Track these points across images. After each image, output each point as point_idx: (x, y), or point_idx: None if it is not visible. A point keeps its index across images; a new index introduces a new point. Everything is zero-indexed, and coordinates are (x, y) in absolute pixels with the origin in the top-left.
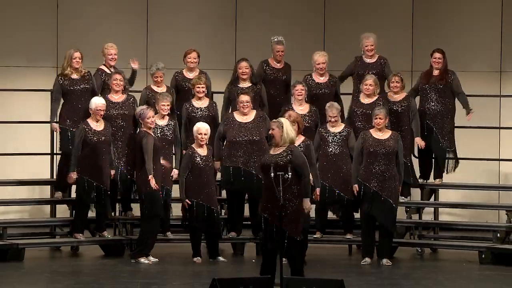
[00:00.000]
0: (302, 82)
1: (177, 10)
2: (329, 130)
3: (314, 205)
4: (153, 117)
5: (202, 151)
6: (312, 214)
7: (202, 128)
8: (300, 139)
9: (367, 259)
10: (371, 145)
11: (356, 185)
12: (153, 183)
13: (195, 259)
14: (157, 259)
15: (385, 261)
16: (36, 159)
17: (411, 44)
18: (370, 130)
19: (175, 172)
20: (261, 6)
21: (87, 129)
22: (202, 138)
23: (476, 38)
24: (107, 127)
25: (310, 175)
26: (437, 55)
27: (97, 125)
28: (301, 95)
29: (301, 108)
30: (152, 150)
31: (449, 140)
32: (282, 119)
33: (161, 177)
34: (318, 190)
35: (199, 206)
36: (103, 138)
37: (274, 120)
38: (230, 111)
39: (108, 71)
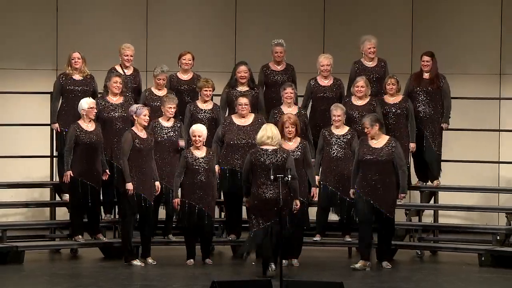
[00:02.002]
0: (292, 84)
1: (177, 12)
2: (333, 132)
3: (316, 207)
4: (148, 115)
5: (199, 153)
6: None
7: (197, 130)
8: (297, 141)
9: (363, 263)
10: (365, 153)
11: (353, 190)
12: (129, 187)
13: (187, 261)
14: (155, 262)
15: (385, 264)
16: (36, 161)
17: (411, 45)
18: (368, 137)
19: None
20: (260, 8)
21: (78, 130)
22: (197, 140)
23: (476, 40)
24: (98, 128)
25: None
26: (425, 58)
27: (88, 126)
28: (291, 98)
29: (289, 109)
30: (128, 148)
31: (438, 145)
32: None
33: (148, 179)
34: (314, 190)
35: (190, 207)
36: (95, 138)
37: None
38: (227, 114)
39: (121, 71)
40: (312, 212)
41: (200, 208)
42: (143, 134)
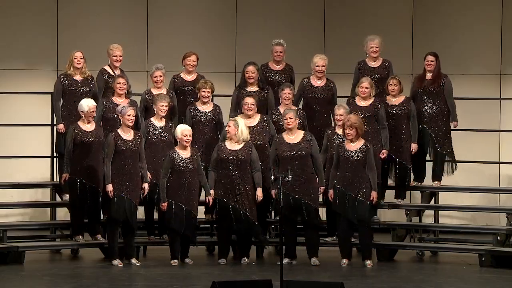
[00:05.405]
0: (290, 85)
1: (178, 14)
2: (336, 132)
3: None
4: (133, 116)
5: (185, 153)
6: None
7: (186, 129)
8: (360, 143)
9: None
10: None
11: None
12: (109, 189)
13: (172, 261)
14: (139, 263)
15: (313, 260)
16: (36, 161)
17: (411, 46)
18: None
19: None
20: (261, 10)
21: (76, 131)
22: (188, 139)
23: (476, 41)
24: (98, 128)
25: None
26: (430, 57)
27: (87, 126)
28: (289, 99)
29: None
30: (111, 151)
31: (443, 143)
32: (239, 119)
33: (133, 181)
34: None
35: (177, 207)
36: (93, 138)
37: (232, 119)
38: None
39: (111, 72)
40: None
41: (187, 209)
42: (128, 135)
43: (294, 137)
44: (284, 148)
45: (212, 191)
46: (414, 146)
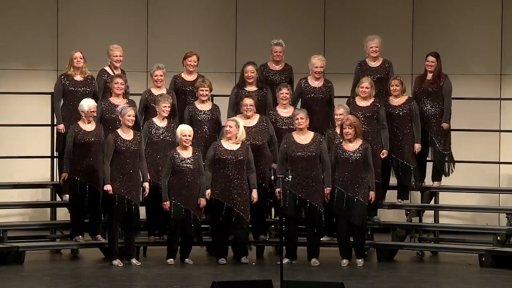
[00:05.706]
0: (287, 85)
1: (178, 14)
2: (336, 133)
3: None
4: (133, 116)
5: (186, 153)
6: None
7: (186, 129)
8: (358, 143)
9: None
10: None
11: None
12: (108, 188)
13: (168, 260)
14: (139, 263)
15: (313, 261)
16: (36, 162)
17: (411, 46)
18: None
19: None
20: (261, 10)
21: (76, 130)
22: (187, 139)
23: (476, 41)
24: (99, 128)
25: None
26: (430, 58)
27: (88, 126)
28: (286, 99)
29: (285, 111)
30: (110, 151)
31: (444, 144)
32: (239, 119)
33: (133, 181)
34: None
35: (176, 207)
36: (93, 138)
37: (231, 118)
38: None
39: (111, 72)
40: None
41: (186, 209)
42: (128, 135)
43: (305, 137)
44: (294, 148)
45: (208, 191)
46: (417, 146)
